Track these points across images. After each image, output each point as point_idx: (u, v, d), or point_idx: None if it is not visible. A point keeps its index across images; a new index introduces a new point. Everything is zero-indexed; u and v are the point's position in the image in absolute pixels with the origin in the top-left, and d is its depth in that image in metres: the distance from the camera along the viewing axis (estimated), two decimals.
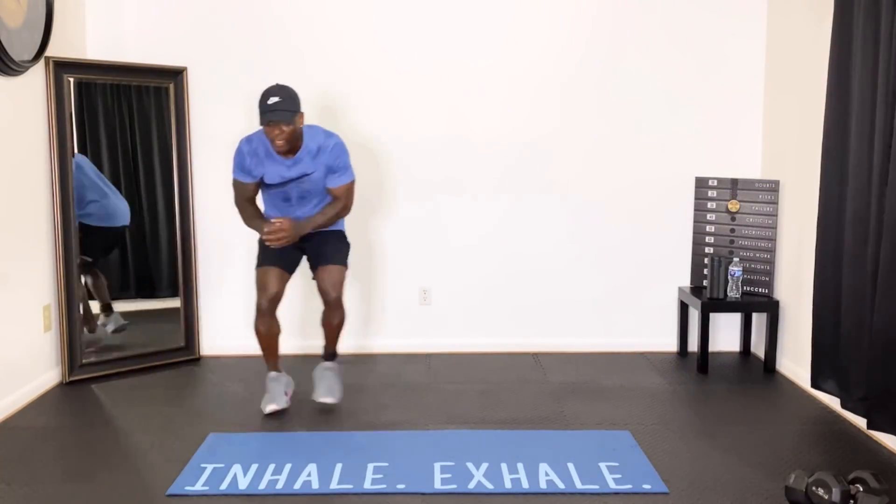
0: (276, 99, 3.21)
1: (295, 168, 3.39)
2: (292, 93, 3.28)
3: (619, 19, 4.38)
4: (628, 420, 3.47)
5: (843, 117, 3.38)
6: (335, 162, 3.41)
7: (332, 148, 3.40)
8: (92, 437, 3.27)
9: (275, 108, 3.20)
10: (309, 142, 3.38)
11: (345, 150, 3.45)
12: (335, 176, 3.44)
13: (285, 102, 3.22)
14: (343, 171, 3.45)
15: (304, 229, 3.43)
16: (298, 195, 3.47)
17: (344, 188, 3.47)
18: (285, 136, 3.25)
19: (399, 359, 4.42)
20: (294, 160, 3.38)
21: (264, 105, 3.22)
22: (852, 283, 3.30)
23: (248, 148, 3.42)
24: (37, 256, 3.79)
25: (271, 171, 3.41)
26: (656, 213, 4.51)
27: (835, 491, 2.49)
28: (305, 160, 3.38)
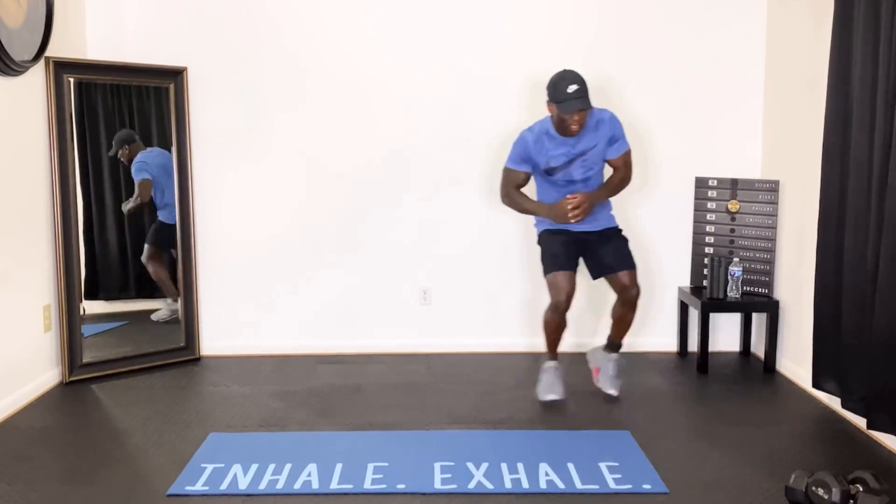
0: (576, 86, 3.32)
1: (580, 144, 3.49)
2: (582, 77, 3.38)
3: (619, 20, 4.38)
4: (628, 420, 3.47)
5: (844, 117, 3.38)
6: (615, 131, 3.53)
7: (609, 119, 3.52)
8: (92, 437, 3.27)
9: (579, 95, 3.32)
10: (587, 118, 3.48)
11: (619, 120, 3.56)
12: (615, 147, 3.55)
13: (584, 88, 3.34)
14: (622, 141, 3.56)
15: (600, 199, 3.58)
16: (583, 173, 3.55)
17: (625, 156, 3.59)
18: (584, 120, 3.39)
19: (399, 359, 4.42)
20: (577, 138, 3.48)
21: (565, 93, 3.32)
22: (852, 282, 3.30)
23: (532, 136, 3.53)
24: (37, 256, 3.79)
25: (556, 154, 3.51)
26: (656, 213, 4.50)
27: (835, 491, 2.49)
28: (587, 136, 3.49)
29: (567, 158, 3.51)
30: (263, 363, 4.32)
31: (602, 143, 3.52)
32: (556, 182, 3.59)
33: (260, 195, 4.43)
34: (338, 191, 4.44)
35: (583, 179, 3.57)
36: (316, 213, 4.46)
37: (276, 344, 4.48)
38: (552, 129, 3.48)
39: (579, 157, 3.51)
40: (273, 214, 4.45)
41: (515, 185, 3.64)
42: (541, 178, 3.63)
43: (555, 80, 3.39)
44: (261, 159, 4.40)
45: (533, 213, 3.66)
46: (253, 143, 4.39)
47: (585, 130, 3.48)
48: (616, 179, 3.63)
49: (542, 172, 3.58)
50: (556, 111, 3.39)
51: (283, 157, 4.41)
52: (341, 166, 4.43)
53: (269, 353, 4.47)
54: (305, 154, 4.42)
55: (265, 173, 4.42)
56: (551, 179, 3.59)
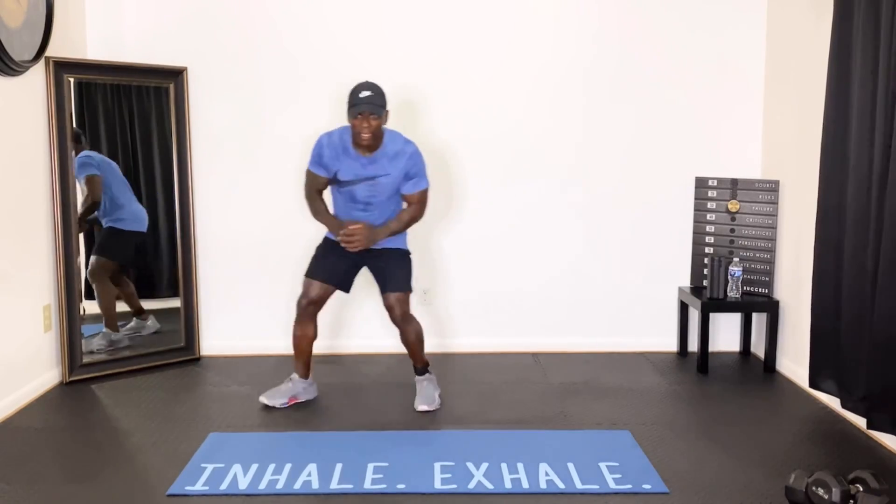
0: (368, 93, 3.30)
1: (371, 167, 3.43)
2: (382, 90, 3.36)
3: (619, 20, 4.38)
4: (628, 420, 3.47)
5: (843, 117, 3.38)
6: (413, 168, 3.46)
7: (410, 154, 3.45)
8: (92, 437, 3.27)
9: (368, 101, 3.28)
10: (388, 144, 3.43)
11: (421, 158, 3.50)
12: (412, 182, 3.49)
13: (376, 97, 3.31)
14: (419, 178, 3.50)
15: (379, 236, 3.48)
16: (366, 197, 3.48)
17: (419, 194, 3.53)
18: (372, 128, 3.31)
19: (399, 359, 4.41)
20: (371, 159, 3.43)
21: (356, 97, 3.29)
22: (851, 282, 3.30)
23: (328, 141, 3.47)
24: (37, 256, 3.79)
25: (347, 167, 3.45)
26: (656, 213, 4.51)
27: (835, 491, 2.49)
28: (382, 161, 3.43)
29: (355, 176, 3.43)
30: (263, 363, 4.32)
31: (395, 173, 3.43)
32: (343, 196, 3.53)
33: (260, 195, 4.43)
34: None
35: (364, 202, 3.48)
36: None
37: (276, 344, 4.47)
38: (349, 139, 3.40)
39: (367, 180, 3.44)
40: (273, 214, 4.45)
41: (316, 188, 3.55)
42: (334, 187, 3.55)
43: (353, 88, 3.34)
44: (261, 159, 4.40)
45: (323, 223, 3.57)
46: (253, 143, 4.39)
47: (381, 156, 3.41)
48: (405, 217, 3.53)
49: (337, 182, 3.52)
50: (349, 118, 3.33)
51: (283, 156, 4.40)
52: None
53: (269, 353, 4.47)
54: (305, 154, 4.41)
55: (265, 173, 4.42)
56: (340, 192, 3.53)
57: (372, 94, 3.30)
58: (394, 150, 3.43)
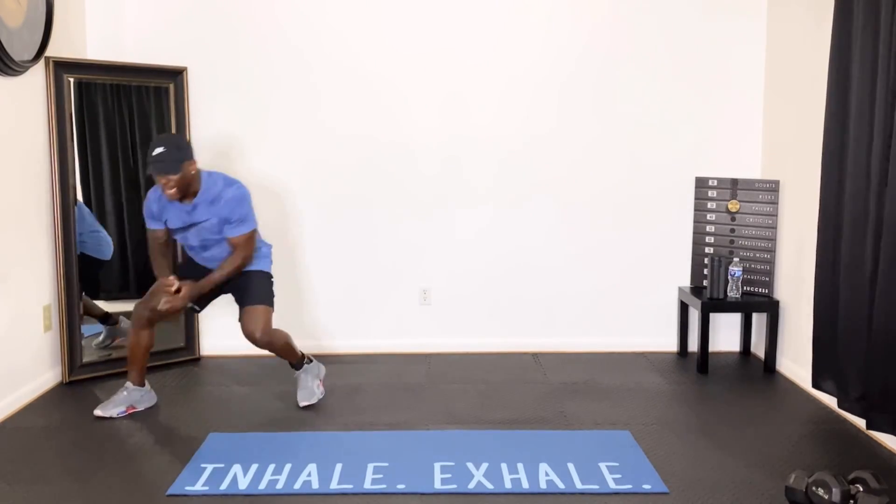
0: (161, 149, 3.23)
1: (194, 213, 3.43)
2: (180, 141, 3.33)
3: (619, 21, 4.38)
4: (628, 420, 3.47)
5: (843, 117, 3.38)
6: (230, 213, 3.40)
7: (227, 199, 3.39)
8: (92, 437, 3.27)
9: (160, 159, 3.22)
10: (207, 189, 3.40)
11: (243, 201, 3.42)
12: (232, 226, 3.43)
13: (170, 153, 3.23)
14: (241, 223, 3.43)
15: (204, 289, 3.46)
16: (199, 241, 3.50)
17: (242, 239, 3.45)
18: (173, 184, 3.26)
19: (399, 359, 4.42)
20: (192, 206, 3.42)
21: (150, 156, 3.24)
22: (852, 282, 3.30)
23: (154, 195, 3.49)
24: (37, 256, 3.79)
25: (173, 216, 3.47)
26: (656, 213, 4.51)
27: (835, 491, 2.49)
28: (201, 207, 3.41)
29: (182, 223, 3.45)
30: (263, 363, 4.32)
31: (215, 220, 3.41)
32: (180, 240, 3.54)
33: (260, 195, 4.42)
34: (338, 190, 4.45)
35: (201, 246, 3.51)
36: (316, 212, 4.46)
37: None
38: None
39: (194, 226, 3.45)
40: (273, 214, 4.45)
41: (157, 244, 3.54)
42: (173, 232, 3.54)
43: (151, 144, 3.29)
44: (260, 159, 4.40)
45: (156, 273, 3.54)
46: (253, 143, 4.39)
47: (201, 201, 3.39)
48: (227, 267, 3.45)
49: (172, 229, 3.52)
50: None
51: (284, 156, 4.41)
52: (341, 166, 4.43)
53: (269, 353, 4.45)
54: (305, 154, 4.42)
55: (265, 173, 4.42)
56: (177, 237, 3.54)
57: (164, 149, 3.22)
58: (212, 194, 3.40)
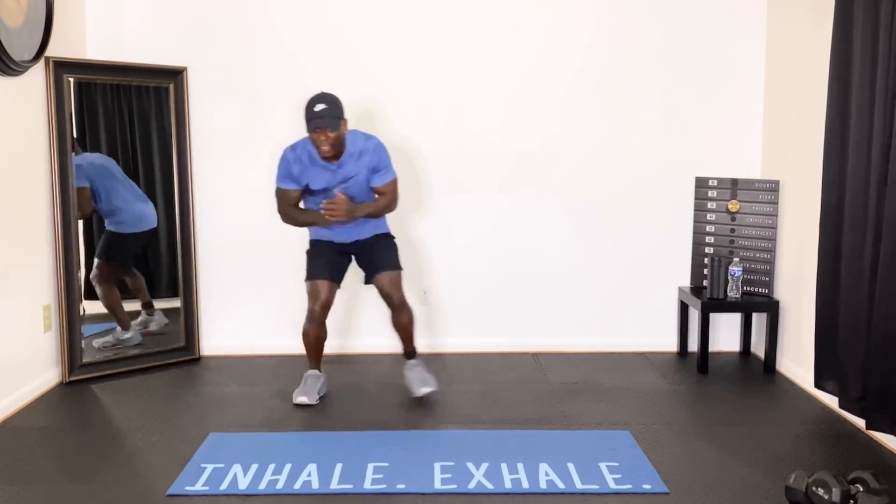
0: (323, 106, 3.32)
1: (340, 172, 3.49)
2: (336, 100, 3.39)
3: (619, 21, 4.38)
4: (628, 420, 3.47)
5: (844, 117, 3.38)
6: (378, 162, 3.52)
7: (373, 149, 3.51)
8: (92, 437, 3.27)
9: (322, 115, 3.31)
10: (350, 146, 3.48)
11: (385, 150, 3.56)
12: (379, 175, 3.55)
13: (331, 109, 3.33)
14: (386, 170, 3.56)
15: (357, 212, 3.53)
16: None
17: (390, 185, 3.59)
18: (331, 141, 3.35)
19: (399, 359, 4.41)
20: (338, 164, 3.48)
21: (311, 112, 3.33)
22: (852, 282, 3.30)
23: (293, 155, 3.51)
24: (37, 256, 3.79)
25: (317, 178, 3.51)
26: (656, 214, 4.51)
27: (835, 491, 2.49)
28: (349, 164, 3.48)
29: (327, 184, 3.51)
30: (263, 363, 4.32)
31: (364, 171, 3.51)
32: (317, 203, 3.57)
33: (260, 195, 4.41)
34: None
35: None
36: None
37: (276, 344, 4.48)
38: (315, 150, 3.46)
39: (339, 185, 3.50)
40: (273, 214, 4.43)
41: (289, 202, 3.60)
42: (308, 196, 3.61)
43: (307, 101, 3.38)
44: (261, 159, 4.40)
45: (310, 223, 3.63)
46: (253, 143, 4.39)
47: (347, 158, 3.47)
48: (382, 203, 3.61)
49: (306, 192, 3.57)
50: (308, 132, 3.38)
51: None
52: None
53: (269, 353, 4.47)
54: None
55: (265, 173, 4.39)
56: (315, 200, 3.58)
57: (326, 106, 3.32)
58: (357, 149, 3.49)
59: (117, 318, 4.16)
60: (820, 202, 3.52)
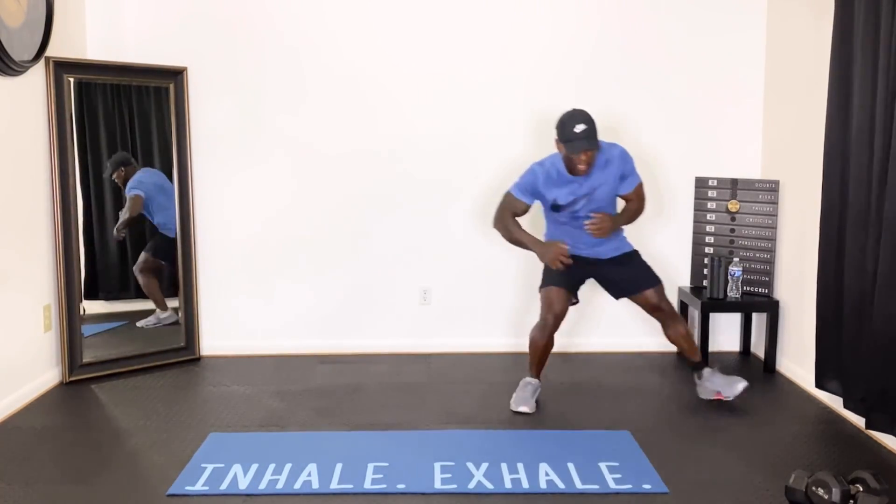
0: (584, 127, 3.29)
1: (586, 184, 3.47)
2: (591, 117, 3.35)
3: (619, 23, 4.38)
4: (628, 420, 3.47)
5: (844, 116, 3.38)
6: (625, 168, 3.51)
7: (619, 156, 3.49)
8: (92, 437, 3.27)
9: (587, 136, 3.29)
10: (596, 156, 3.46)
11: (630, 156, 3.53)
12: (627, 181, 3.54)
13: (592, 129, 3.31)
14: (632, 174, 3.55)
15: (619, 223, 3.57)
16: (587, 212, 3.51)
17: (637, 189, 3.59)
18: (592, 160, 3.36)
19: (399, 359, 4.42)
20: (585, 176, 3.45)
21: (573, 133, 3.29)
22: (853, 282, 3.30)
23: (542, 170, 3.51)
24: (37, 256, 3.79)
25: (564, 192, 3.50)
26: (656, 214, 4.50)
27: (835, 491, 2.49)
28: (595, 174, 3.47)
29: (573, 197, 3.49)
30: (263, 363, 4.32)
31: (611, 180, 3.50)
32: (563, 217, 3.58)
33: (260, 195, 4.43)
34: (338, 191, 4.44)
35: (584, 217, 3.53)
36: (316, 212, 4.45)
37: (276, 344, 4.48)
38: (562, 166, 3.46)
39: (585, 196, 3.49)
40: (273, 214, 4.45)
41: (513, 212, 3.61)
42: (547, 211, 3.63)
43: (563, 120, 3.36)
44: (261, 159, 4.40)
45: (523, 245, 3.62)
46: (253, 143, 4.39)
47: (594, 169, 3.45)
48: (632, 209, 3.63)
49: (549, 207, 3.58)
50: (564, 150, 3.36)
51: (284, 156, 4.41)
52: (342, 166, 4.43)
53: (269, 353, 4.47)
54: (305, 154, 4.42)
55: (265, 173, 4.42)
56: (560, 215, 3.58)
57: (587, 127, 3.29)
58: (602, 159, 3.46)
59: (156, 300, 4.37)
60: (820, 202, 3.52)
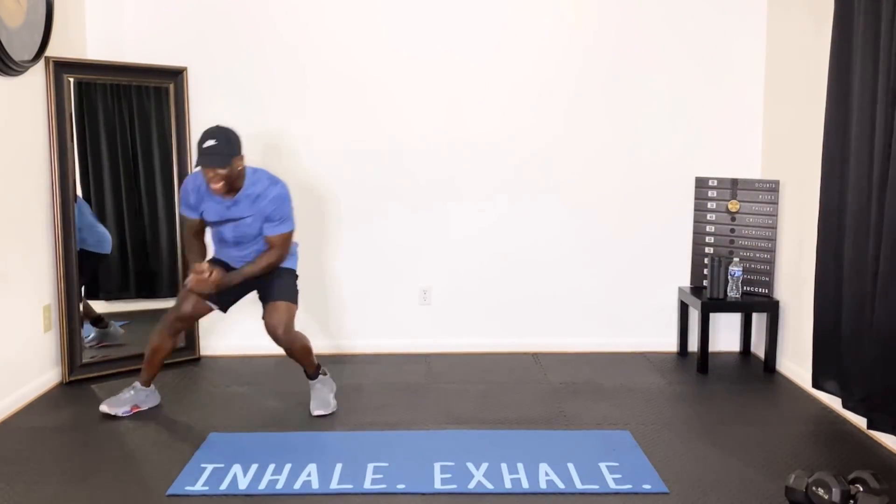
0: (213, 142, 3.17)
1: (234, 209, 3.38)
2: (231, 135, 3.25)
3: (618, 21, 4.38)
4: (628, 420, 3.47)
5: (844, 116, 3.38)
6: (272, 212, 3.37)
7: (272, 198, 3.35)
8: (92, 437, 3.27)
9: (210, 152, 3.16)
10: (250, 186, 3.36)
11: (286, 200, 3.40)
12: (272, 225, 3.39)
13: (221, 146, 3.18)
14: (281, 222, 3.40)
15: (233, 281, 3.42)
16: (234, 237, 3.45)
17: (280, 238, 3.41)
18: (220, 178, 3.21)
19: (399, 359, 4.42)
20: (233, 201, 3.36)
21: (200, 147, 3.19)
22: (853, 282, 3.30)
23: (193, 185, 3.43)
24: (37, 256, 3.79)
25: (211, 209, 3.42)
26: (656, 213, 4.51)
27: (835, 491, 2.49)
28: (243, 203, 3.37)
29: (219, 217, 3.40)
30: (263, 363, 4.32)
31: (257, 217, 3.36)
32: (214, 234, 3.50)
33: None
34: (338, 190, 4.45)
35: (234, 242, 3.45)
36: (316, 212, 4.46)
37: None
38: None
39: (231, 222, 3.39)
40: None
41: (191, 229, 3.50)
42: (208, 225, 3.51)
43: (202, 133, 3.24)
44: (260, 159, 4.40)
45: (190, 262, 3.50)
46: (253, 143, 4.38)
47: (244, 198, 3.34)
48: (262, 262, 3.42)
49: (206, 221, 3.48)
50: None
51: (283, 157, 4.41)
52: (342, 166, 4.43)
53: (269, 353, 4.45)
54: (306, 154, 4.42)
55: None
56: (211, 231, 3.51)
57: (216, 142, 3.17)
58: (255, 191, 3.35)
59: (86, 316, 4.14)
60: (820, 202, 3.52)
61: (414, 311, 4.56)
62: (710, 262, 4.19)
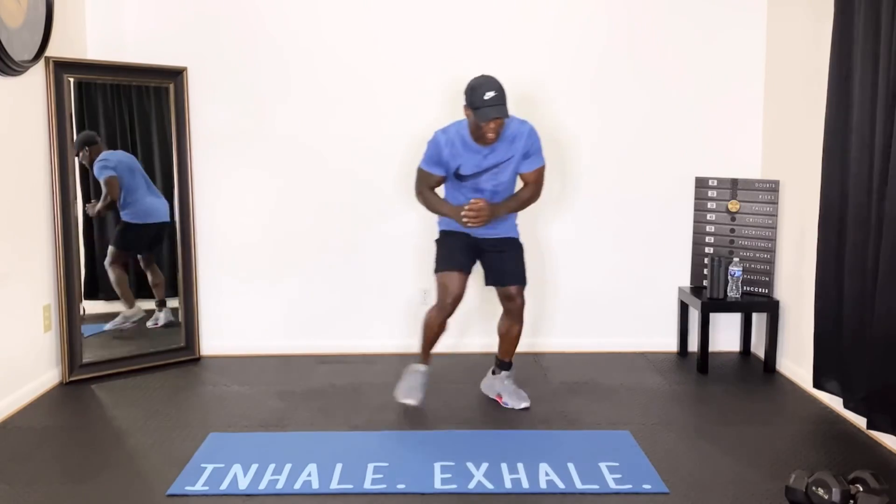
0: (494, 93, 3.18)
1: (491, 157, 3.38)
2: (503, 86, 3.24)
3: (618, 21, 4.38)
4: (628, 420, 3.47)
5: (844, 116, 3.38)
6: (531, 146, 3.41)
7: (527, 133, 3.39)
8: (92, 437, 3.27)
9: (496, 103, 3.18)
10: (504, 130, 3.36)
11: (538, 135, 3.43)
12: (529, 160, 3.43)
13: (502, 96, 3.21)
14: (536, 155, 3.45)
15: (500, 212, 3.44)
16: (492, 187, 3.45)
17: (536, 173, 3.48)
18: (500, 128, 3.26)
19: (399, 359, 4.41)
20: (490, 149, 3.36)
21: (482, 100, 3.18)
22: (853, 282, 3.30)
23: (445, 139, 3.39)
24: (37, 256, 3.79)
25: (468, 162, 3.40)
26: (656, 213, 4.51)
27: (835, 491, 2.49)
28: (501, 148, 3.37)
29: (478, 168, 3.40)
30: (263, 363, 4.32)
31: (516, 156, 3.40)
32: (464, 188, 3.49)
33: (260, 195, 4.43)
34: (338, 190, 4.45)
35: (491, 190, 3.45)
36: (316, 212, 4.46)
37: (276, 344, 4.48)
38: (468, 134, 3.34)
39: (490, 169, 3.40)
40: (273, 214, 4.45)
41: (429, 185, 3.51)
42: (450, 179, 3.51)
43: (473, 85, 3.24)
44: (261, 159, 4.40)
45: (442, 214, 3.53)
46: (253, 143, 4.39)
47: (500, 141, 3.34)
48: (524, 195, 3.50)
49: (452, 175, 3.48)
50: (472, 117, 3.24)
51: (283, 157, 4.41)
52: (342, 166, 4.43)
53: (269, 353, 4.47)
54: (305, 154, 4.42)
55: (265, 173, 4.42)
56: (462, 185, 3.50)
57: (496, 94, 3.18)
58: (511, 133, 3.36)
59: (125, 297, 4.25)
60: (820, 202, 3.52)
61: (414, 311, 4.55)
62: (710, 262, 4.19)
